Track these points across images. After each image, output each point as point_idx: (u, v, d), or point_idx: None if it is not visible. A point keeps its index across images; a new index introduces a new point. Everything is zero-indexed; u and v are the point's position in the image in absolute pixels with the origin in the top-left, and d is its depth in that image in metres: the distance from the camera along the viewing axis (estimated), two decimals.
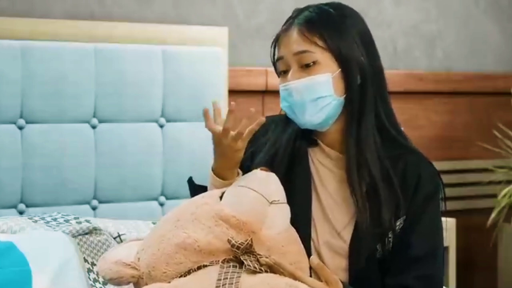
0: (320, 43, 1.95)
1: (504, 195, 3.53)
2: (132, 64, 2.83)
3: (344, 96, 1.97)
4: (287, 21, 2.02)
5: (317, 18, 1.97)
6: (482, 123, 3.74)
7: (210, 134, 1.93)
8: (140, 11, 3.04)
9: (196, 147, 2.92)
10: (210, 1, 3.17)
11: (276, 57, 2.02)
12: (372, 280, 1.97)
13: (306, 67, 1.96)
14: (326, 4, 2.02)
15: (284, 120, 2.07)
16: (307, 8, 2.01)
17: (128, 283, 1.92)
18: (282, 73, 2.01)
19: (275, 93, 3.21)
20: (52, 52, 2.72)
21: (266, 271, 1.80)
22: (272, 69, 3.08)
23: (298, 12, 2.02)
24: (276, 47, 2.02)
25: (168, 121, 2.90)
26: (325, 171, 2.03)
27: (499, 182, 3.62)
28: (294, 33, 1.97)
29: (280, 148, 2.05)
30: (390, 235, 1.96)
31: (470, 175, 3.70)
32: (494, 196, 3.58)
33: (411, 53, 3.64)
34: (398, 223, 1.97)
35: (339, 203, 2.01)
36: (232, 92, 3.04)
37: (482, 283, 3.78)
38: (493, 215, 3.51)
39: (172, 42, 2.92)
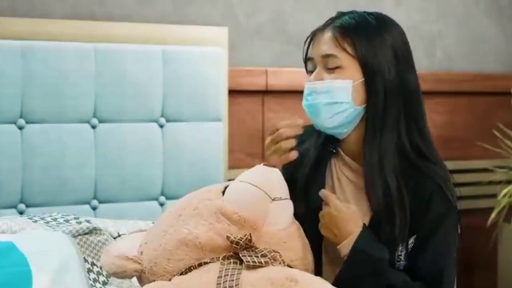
0: (349, 49, 1.94)
1: (504, 195, 3.53)
2: (132, 64, 2.83)
3: (364, 106, 1.96)
4: (326, 21, 2.01)
5: (354, 24, 1.96)
6: (482, 123, 3.73)
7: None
8: (140, 11, 3.04)
9: (196, 147, 2.92)
10: (210, 1, 3.17)
11: (307, 56, 2.02)
12: None
13: (330, 70, 1.96)
14: (370, 14, 2.00)
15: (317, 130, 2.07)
16: (349, 13, 2.00)
17: (131, 276, 1.92)
18: (310, 72, 2.01)
19: (275, 93, 3.23)
20: (52, 52, 2.72)
21: (266, 262, 1.81)
22: (271, 69, 3.06)
23: (339, 15, 2.01)
24: (310, 45, 2.02)
25: (168, 121, 2.90)
26: (345, 180, 2.04)
27: (499, 182, 3.62)
28: (327, 36, 1.97)
29: (308, 153, 2.07)
30: (400, 252, 1.96)
31: (470, 175, 3.70)
32: (494, 196, 3.58)
33: None
34: (410, 241, 1.96)
35: None
36: (232, 92, 3.03)
37: (482, 283, 3.78)
38: (493, 215, 3.51)
39: (172, 42, 2.92)
